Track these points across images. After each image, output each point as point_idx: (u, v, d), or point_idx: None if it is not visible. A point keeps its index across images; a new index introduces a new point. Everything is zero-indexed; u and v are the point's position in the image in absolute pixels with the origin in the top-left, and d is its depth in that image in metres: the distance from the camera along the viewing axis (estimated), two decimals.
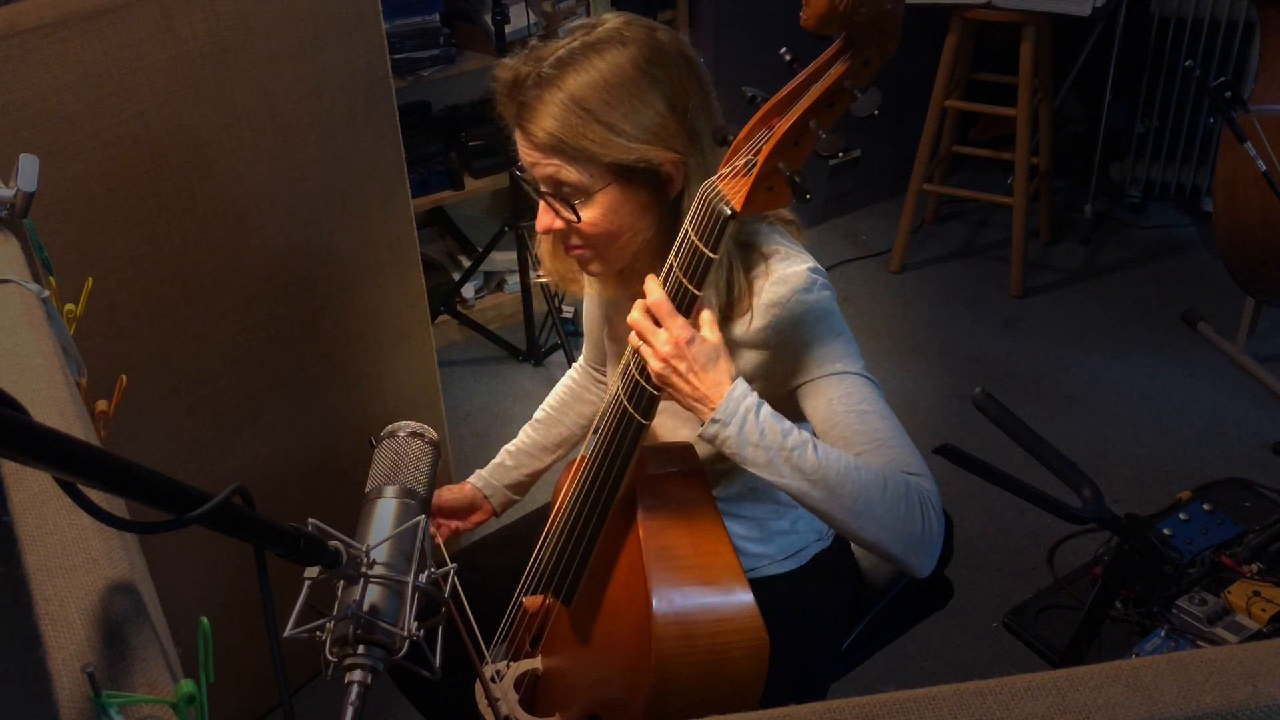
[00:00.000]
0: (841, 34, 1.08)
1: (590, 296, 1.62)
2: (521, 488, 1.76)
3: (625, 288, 1.44)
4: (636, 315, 1.23)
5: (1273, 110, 2.62)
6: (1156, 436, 2.94)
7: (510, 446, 1.77)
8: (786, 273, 1.31)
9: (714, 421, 1.20)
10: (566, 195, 1.31)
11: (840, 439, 1.26)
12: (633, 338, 1.25)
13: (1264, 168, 2.28)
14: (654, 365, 1.21)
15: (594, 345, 1.72)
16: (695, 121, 1.28)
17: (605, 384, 1.75)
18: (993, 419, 1.68)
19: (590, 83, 1.25)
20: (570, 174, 1.29)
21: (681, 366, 1.19)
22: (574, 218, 1.32)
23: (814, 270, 1.33)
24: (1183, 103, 3.71)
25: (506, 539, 1.75)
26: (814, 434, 1.29)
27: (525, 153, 1.31)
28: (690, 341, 1.19)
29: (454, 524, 1.70)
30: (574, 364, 1.80)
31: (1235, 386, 3.10)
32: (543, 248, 1.51)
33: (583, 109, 1.25)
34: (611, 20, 1.30)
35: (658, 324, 1.22)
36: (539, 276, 1.53)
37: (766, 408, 1.21)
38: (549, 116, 1.26)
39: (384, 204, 2.08)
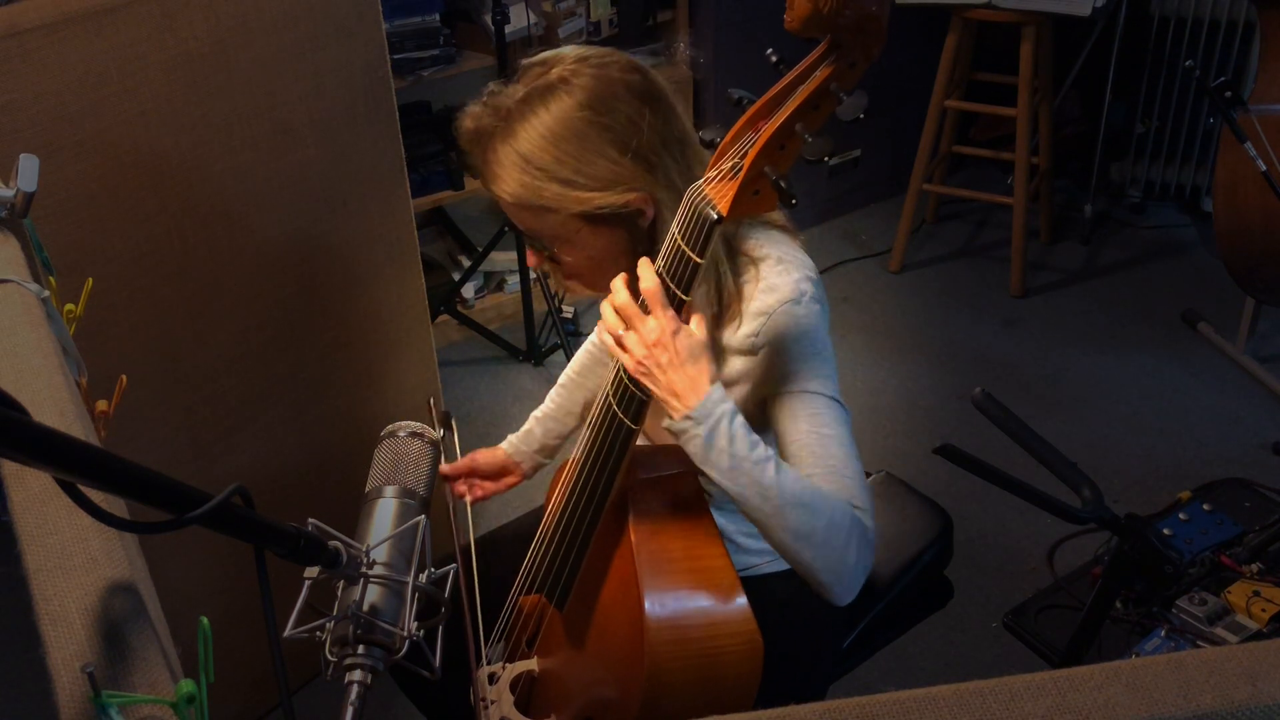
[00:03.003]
0: (826, 36, 1.07)
1: None
2: (549, 450, 1.79)
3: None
4: (623, 299, 1.20)
5: (1273, 110, 2.62)
6: (1156, 436, 2.94)
7: (537, 412, 1.79)
8: (776, 281, 1.31)
9: (686, 419, 1.19)
10: (544, 242, 1.35)
11: (795, 456, 1.27)
12: (605, 316, 1.23)
13: (1264, 168, 2.28)
14: (637, 352, 1.19)
15: None
16: (651, 155, 1.29)
17: None
18: (993, 419, 1.68)
19: (539, 137, 1.26)
20: (540, 225, 1.32)
21: (663, 359, 1.18)
22: (554, 261, 1.37)
23: (804, 281, 1.32)
24: (1183, 103, 3.71)
25: (505, 539, 1.75)
26: (776, 445, 1.29)
27: (501, 205, 1.35)
28: (676, 333, 1.18)
29: (487, 485, 1.73)
30: (596, 329, 1.80)
31: (1235, 386, 3.10)
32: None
33: (536, 168, 1.27)
34: (567, 56, 1.31)
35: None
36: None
37: (740, 417, 1.21)
38: (507, 176, 1.29)
39: (384, 204, 2.08)
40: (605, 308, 1.24)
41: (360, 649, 0.84)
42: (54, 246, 1.50)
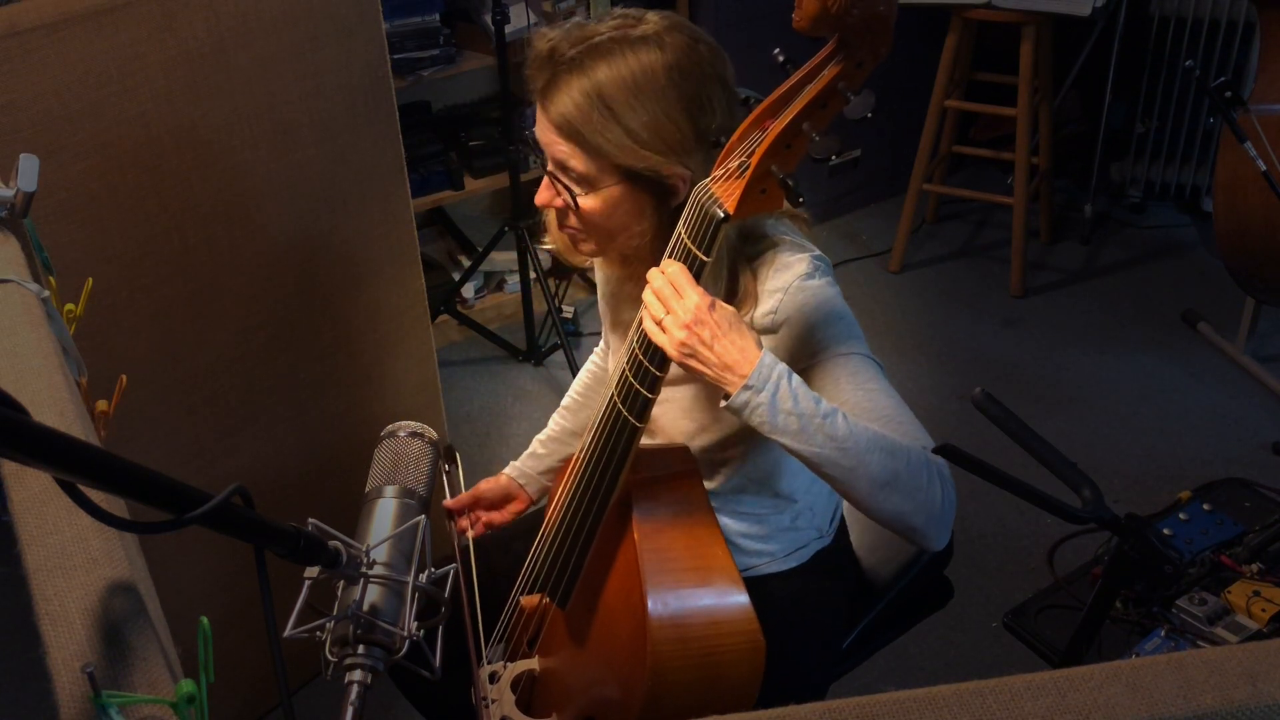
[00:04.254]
0: (834, 36, 1.08)
1: (600, 281, 1.62)
2: (555, 474, 1.77)
3: (626, 268, 1.45)
4: (659, 282, 1.20)
5: (1273, 110, 2.62)
6: (1156, 436, 2.94)
7: (541, 435, 1.78)
8: (789, 260, 1.32)
9: (746, 388, 1.17)
10: (570, 180, 1.32)
11: (849, 415, 1.26)
12: (648, 303, 1.21)
13: (1264, 168, 2.28)
14: (678, 335, 1.17)
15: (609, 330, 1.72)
16: (710, 140, 1.27)
17: None
18: (993, 419, 1.67)
19: (620, 79, 1.25)
20: (579, 163, 1.29)
21: (705, 334, 1.17)
22: (573, 203, 1.32)
23: (816, 258, 1.34)
24: (1183, 103, 3.71)
25: (506, 538, 1.75)
26: None
27: (541, 129, 1.32)
28: (712, 307, 1.18)
29: (493, 516, 1.71)
30: (597, 348, 1.80)
31: (1235, 386, 3.10)
32: (549, 217, 1.51)
33: (606, 105, 1.25)
34: (658, 19, 1.30)
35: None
36: (545, 244, 1.52)
37: (796, 376, 1.20)
38: (571, 102, 1.26)
39: (384, 204, 2.08)
40: (654, 278, 1.21)
41: (360, 649, 0.84)
42: (54, 246, 1.51)
